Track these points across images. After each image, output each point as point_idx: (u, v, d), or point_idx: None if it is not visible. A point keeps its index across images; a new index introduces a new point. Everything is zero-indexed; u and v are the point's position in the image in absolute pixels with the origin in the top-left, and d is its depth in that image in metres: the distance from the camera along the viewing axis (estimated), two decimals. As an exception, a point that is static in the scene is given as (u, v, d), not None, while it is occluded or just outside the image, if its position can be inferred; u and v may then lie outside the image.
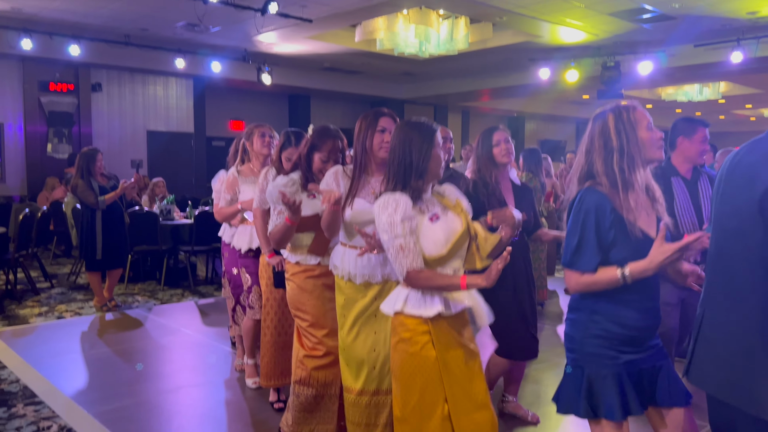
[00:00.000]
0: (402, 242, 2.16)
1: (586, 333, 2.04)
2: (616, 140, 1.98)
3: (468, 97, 15.91)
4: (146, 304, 6.43)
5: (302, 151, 2.99)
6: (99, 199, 5.86)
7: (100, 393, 3.96)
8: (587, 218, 1.96)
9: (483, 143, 3.30)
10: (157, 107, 12.82)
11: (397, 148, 2.26)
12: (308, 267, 2.95)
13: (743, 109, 20.41)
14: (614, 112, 2.02)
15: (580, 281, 1.99)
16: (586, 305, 2.05)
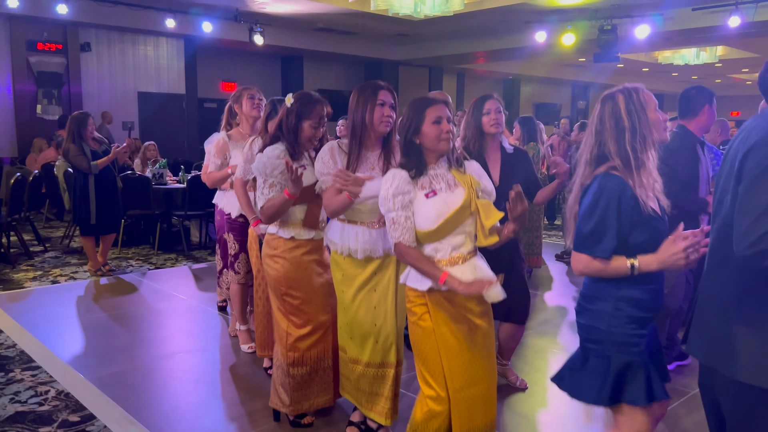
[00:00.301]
0: (394, 216, 2.25)
1: (612, 322, 2.03)
2: (627, 120, 2.00)
3: (463, 59, 15.73)
4: (140, 269, 6.47)
5: (288, 120, 2.84)
6: (92, 163, 5.83)
7: (97, 358, 4.02)
8: (610, 205, 1.95)
9: (474, 111, 3.28)
10: (148, 68, 12.63)
11: (401, 125, 2.33)
12: (302, 242, 2.89)
13: (740, 73, 20.29)
14: (624, 93, 2.04)
15: (590, 266, 1.99)
16: (609, 293, 2.04)
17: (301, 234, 2.89)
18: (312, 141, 2.89)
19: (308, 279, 2.89)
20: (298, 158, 2.85)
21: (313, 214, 2.90)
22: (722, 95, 25.26)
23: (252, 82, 14.71)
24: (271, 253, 2.91)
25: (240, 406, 3.36)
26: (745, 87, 23.61)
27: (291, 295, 2.88)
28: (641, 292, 2.02)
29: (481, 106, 3.25)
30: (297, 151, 2.84)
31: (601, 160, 2.05)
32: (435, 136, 2.27)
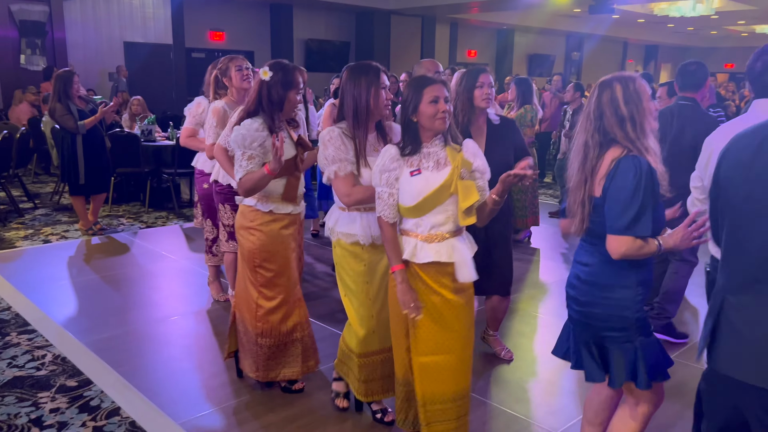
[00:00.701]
0: (379, 191, 2.37)
1: (636, 307, 2.11)
2: (626, 109, 2.05)
3: (457, 8, 15.41)
4: (131, 228, 6.49)
5: (272, 93, 2.78)
6: (78, 123, 5.77)
7: (91, 321, 4.09)
8: (647, 185, 1.99)
9: (466, 81, 3.21)
10: (134, 17, 12.32)
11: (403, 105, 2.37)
12: (280, 216, 2.90)
13: (735, 25, 20.03)
14: (621, 82, 2.08)
15: (633, 246, 2.00)
16: (630, 279, 2.10)
17: (280, 208, 2.90)
18: (295, 108, 2.90)
19: (284, 252, 2.92)
20: (277, 131, 2.80)
21: (293, 188, 2.91)
22: (718, 46, 25.04)
23: (240, 31, 14.46)
24: (247, 224, 2.91)
25: (233, 371, 3.45)
26: (740, 39, 23.38)
27: (265, 267, 2.90)
28: (649, 272, 2.16)
29: (474, 78, 3.18)
30: (276, 123, 2.81)
31: (608, 145, 2.08)
32: (431, 114, 2.31)
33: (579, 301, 2.19)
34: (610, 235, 2.03)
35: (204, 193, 4.21)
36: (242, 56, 3.97)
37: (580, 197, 2.13)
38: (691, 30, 21.77)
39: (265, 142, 2.76)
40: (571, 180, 2.19)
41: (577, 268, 2.24)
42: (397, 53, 16.37)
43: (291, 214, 2.94)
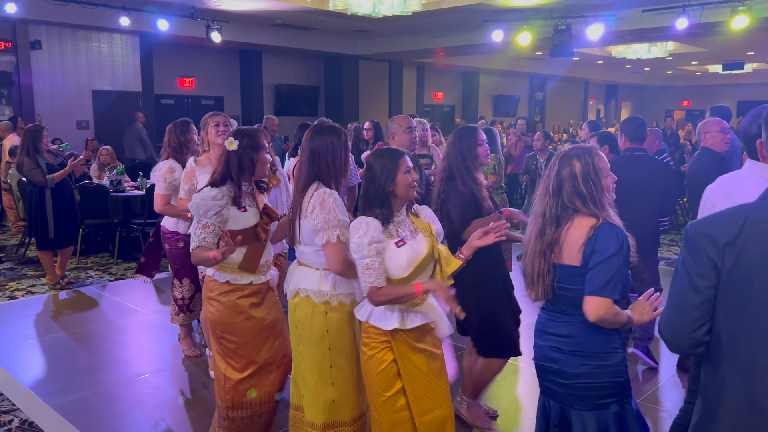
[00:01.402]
0: (368, 262, 2.33)
1: (624, 370, 2.15)
2: (585, 188, 2.10)
3: (423, 54, 15.81)
4: (100, 281, 6.42)
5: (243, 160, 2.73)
6: (47, 177, 5.74)
7: (60, 383, 4.02)
8: (626, 251, 2.05)
9: (464, 140, 3.21)
10: (102, 65, 12.35)
11: (372, 175, 2.42)
12: (239, 286, 2.77)
13: (689, 65, 20.92)
14: (580, 160, 2.12)
15: (610, 310, 2.02)
16: (616, 343, 2.15)
17: (238, 278, 2.78)
18: (267, 167, 2.87)
19: (243, 323, 2.78)
20: (241, 200, 2.76)
21: (253, 258, 2.79)
22: (674, 85, 26.02)
23: (210, 77, 14.58)
24: (207, 294, 2.83)
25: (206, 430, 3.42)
26: (695, 77, 24.35)
27: (226, 338, 2.79)
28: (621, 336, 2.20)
29: (474, 135, 3.24)
30: (243, 192, 2.77)
31: (567, 218, 2.13)
32: (407, 184, 2.41)
33: (567, 374, 2.14)
34: (588, 296, 2.03)
35: (180, 252, 4.10)
36: (224, 114, 4.01)
37: (539, 267, 2.14)
38: (648, 70, 22.64)
39: (222, 210, 2.68)
40: (526, 245, 2.20)
41: (552, 341, 2.19)
42: (365, 97, 16.65)
43: (252, 285, 2.80)
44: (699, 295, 1.59)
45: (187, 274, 4.21)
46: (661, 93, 26.89)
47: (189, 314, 4.34)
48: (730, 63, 19.06)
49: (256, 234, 2.79)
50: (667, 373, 4.23)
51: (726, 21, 9.45)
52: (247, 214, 2.77)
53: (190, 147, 4.18)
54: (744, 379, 1.56)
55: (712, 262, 1.56)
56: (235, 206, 2.75)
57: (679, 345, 1.68)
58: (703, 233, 1.59)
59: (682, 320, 1.64)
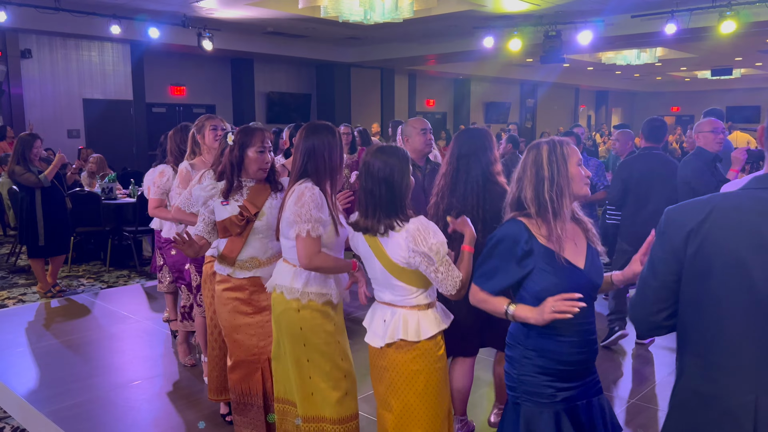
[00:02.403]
0: (448, 258, 2.28)
1: (521, 370, 2.07)
2: (547, 170, 2.05)
3: (414, 61, 15.88)
4: (92, 288, 6.37)
5: (232, 154, 2.85)
6: (40, 176, 5.71)
7: (52, 390, 3.98)
8: (502, 248, 2.06)
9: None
10: (93, 74, 12.33)
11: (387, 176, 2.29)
12: (223, 277, 2.94)
13: (678, 71, 21.11)
14: (549, 144, 2.10)
15: (476, 296, 2.13)
16: (519, 341, 2.09)
17: (220, 268, 2.95)
18: (263, 168, 2.85)
19: (226, 315, 2.93)
20: (233, 194, 2.87)
21: (230, 250, 2.89)
22: (663, 91, 26.24)
23: (201, 85, 14.57)
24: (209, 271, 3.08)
25: (200, 435, 3.40)
26: (684, 84, 24.57)
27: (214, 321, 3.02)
28: (552, 343, 2.03)
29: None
30: (235, 185, 2.86)
31: (520, 206, 2.11)
32: (412, 186, 2.42)
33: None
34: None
35: (174, 261, 4.08)
36: (221, 118, 3.97)
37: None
38: (638, 76, 22.83)
39: (207, 201, 2.87)
40: None
41: None
42: (357, 104, 16.68)
43: (230, 278, 2.90)
44: (656, 280, 1.60)
45: (184, 282, 4.13)
46: (651, 99, 27.10)
47: (191, 323, 4.22)
48: (718, 68, 19.25)
49: (227, 228, 2.85)
50: (662, 371, 4.23)
51: (714, 26, 9.55)
52: (227, 207, 2.85)
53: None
54: (694, 370, 1.55)
55: (676, 248, 1.55)
56: (220, 199, 2.86)
57: (639, 326, 1.71)
58: (672, 219, 1.58)
59: (641, 302, 1.65)
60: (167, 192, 3.98)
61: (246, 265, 2.89)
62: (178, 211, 3.36)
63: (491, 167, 3.01)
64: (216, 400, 3.49)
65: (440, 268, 2.24)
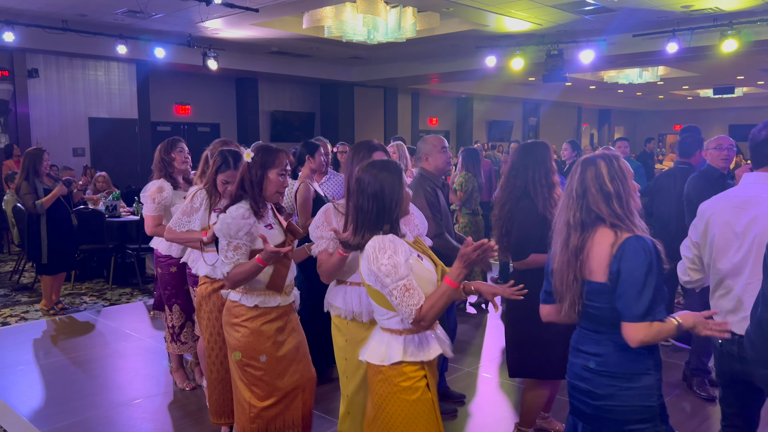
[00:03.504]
0: (406, 282, 2.08)
1: (657, 393, 1.99)
2: (611, 186, 1.99)
3: (417, 80, 15.98)
4: (94, 306, 6.36)
5: (251, 174, 2.67)
6: (36, 203, 5.69)
7: (54, 408, 3.96)
8: (658, 265, 1.91)
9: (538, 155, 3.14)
10: (99, 93, 12.43)
11: (376, 191, 2.19)
12: (266, 310, 2.70)
13: (680, 90, 21.18)
14: (605, 159, 2.03)
15: (650, 332, 1.88)
16: (649, 364, 1.98)
17: (267, 301, 2.70)
18: (281, 191, 2.73)
19: (270, 349, 2.71)
20: (263, 215, 2.69)
21: (279, 278, 2.71)
22: (665, 109, 26.31)
23: (206, 104, 14.68)
24: (232, 321, 2.72)
25: (201, 455, 3.37)
26: (686, 102, 24.64)
27: (252, 366, 2.70)
28: (659, 353, 2.04)
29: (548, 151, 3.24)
30: (261, 207, 2.68)
31: (593, 224, 2.01)
32: (409, 199, 2.33)
33: (595, 394, 2.01)
34: (627, 323, 1.91)
35: (173, 277, 4.00)
36: (235, 143, 3.94)
37: (568, 278, 2.02)
38: (640, 95, 22.92)
39: (252, 229, 2.61)
40: (554, 261, 2.09)
41: (583, 358, 2.06)
42: (361, 123, 16.76)
43: (279, 307, 2.74)
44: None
45: (179, 301, 4.05)
46: (653, 117, 27.16)
47: (180, 345, 4.12)
48: (720, 87, 19.31)
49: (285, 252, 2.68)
50: (670, 392, 4.19)
51: (715, 45, 9.61)
52: (274, 231, 2.71)
53: (174, 165, 4.05)
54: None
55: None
56: (262, 223, 2.68)
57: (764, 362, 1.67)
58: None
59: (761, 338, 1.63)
60: (167, 208, 3.91)
61: (288, 290, 2.79)
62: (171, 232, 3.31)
63: (538, 180, 3.04)
64: (218, 424, 3.38)
65: (394, 292, 2.06)
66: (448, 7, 9.05)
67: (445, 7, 9.08)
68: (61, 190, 5.87)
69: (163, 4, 8.72)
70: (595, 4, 8.83)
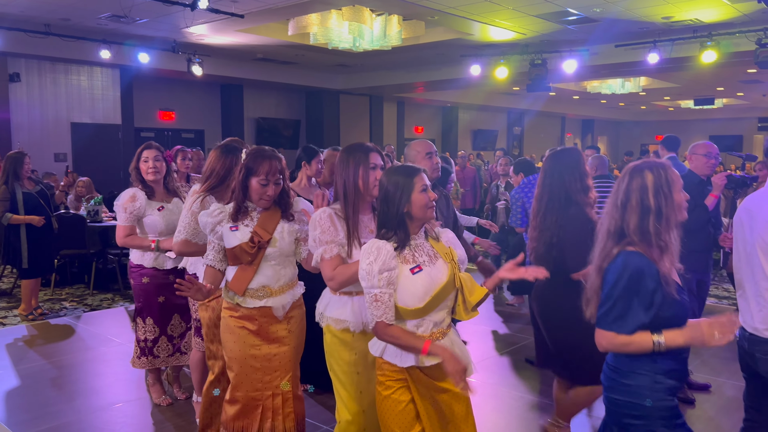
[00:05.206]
0: (377, 293, 2.13)
1: (654, 396, 2.00)
2: (653, 201, 1.98)
3: (403, 88, 16.06)
4: (74, 311, 6.28)
5: (239, 176, 2.67)
6: (6, 214, 5.63)
7: (31, 413, 3.89)
8: (632, 282, 1.96)
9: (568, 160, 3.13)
10: (82, 98, 12.34)
11: (385, 195, 2.22)
12: (231, 306, 2.72)
13: (662, 101, 21.48)
14: (653, 171, 2.03)
15: (614, 342, 1.99)
16: (647, 367, 2.01)
17: (227, 295, 2.73)
18: (264, 199, 2.66)
19: (232, 344, 2.71)
20: (239, 219, 2.69)
21: (240, 280, 2.68)
22: (648, 120, 26.67)
23: (190, 110, 14.62)
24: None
25: (181, 459, 3.33)
26: (667, 112, 24.98)
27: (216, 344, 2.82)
28: (676, 362, 2.02)
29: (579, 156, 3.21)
30: (243, 210, 2.68)
31: (623, 235, 2.04)
32: (424, 204, 2.19)
33: (605, 385, 2.13)
34: (596, 327, 2.04)
35: (144, 289, 3.81)
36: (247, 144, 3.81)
37: (594, 284, 2.11)
38: (623, 105, 23.21)
39: (216, 227, 2.67)
40: (592, 263, 2.16)
41: (608, 356, 2.18)
42: (346, 130, 16.78)
43: (239, 306, 2.69)
44: None
45: (152, 314, 3.84)
46: (635, 127, 27.50)
47: (152, 359, 3.90)
48: (701, 98, 19.62)
49: (236, 255, 2.66)
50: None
51: (695, 56, 9.76)
52: (236, 233, 2.66)
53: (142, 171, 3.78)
54: None
55: None
56: (229, 224, 2.67)
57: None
58: None
59: None
60: (140, 218, 3.73)
61: (257, 294, 2.69)
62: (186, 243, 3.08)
63: (574, 184, 3.01)
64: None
65: (366, 297, 2.16)
66: (433, 16, 9.12)
67: (430, 16, 9.14)
68: (39, 222, 5.75)
69: (148, 9, 8.69)
70: (578, 15, 8.95)
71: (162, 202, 3.79)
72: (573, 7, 8.55)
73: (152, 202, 3.76)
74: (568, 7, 8.57)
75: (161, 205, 3.76)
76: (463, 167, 10.38)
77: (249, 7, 8.54)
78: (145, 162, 3.75)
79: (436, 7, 8.53)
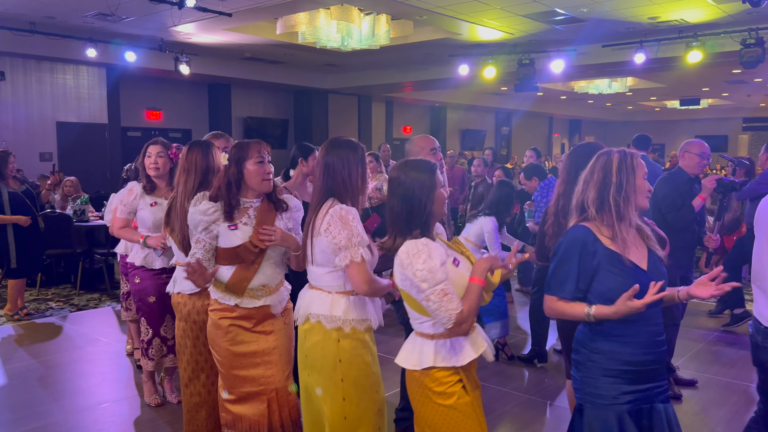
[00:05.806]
0: (444, 287, 2.04)
1: (586, 373, 2.10)
2: (616, 176, 2.10)
3: (391, 88, 16.06)
4: (61, 312, 6.23)
5: (229, 173, 2.64)
6: None
7: (16, 413, 3.85)
8: (571, 251, 2.09)
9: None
10: (67, 97, 12.22)
11: (406, 192, 2.15)
12: (226, 306, 2.67)
13: (649, 101, 21.65)
14: (620, 153, 2.14)
15: (553, 307, 2.14)
16: (585, 344, 2.13)
17: (224, 298, 2.66)
18: (266, 179, 2.64)
19: (223, 345, 2.68)
20: (234, 217, 2.64)
21: (240, 280, 2.64)
22: (635, 120, 26.87)
23: (178, 110, 14.54)
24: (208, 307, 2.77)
25: (169, 458, 3.31)
26: (654, 113, 25.19)
27: (213, 354, 2.74)
28: (618, 344, 2.05)
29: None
30: (235, 206, 2.64)
31: (582, 210, 2.15)
32: (443, 200, 2.20)
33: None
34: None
35: (136, 290, 3.78)
36: (226, 136, 3.83)
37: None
38: (610, 105, 23.36)
39: (210, 226, 2.62)
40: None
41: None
42: (335, 130, 16.76)
43: (238, 307, 2.65)
44: None
45: (145, 315, 3.80)
46: (622, 128, 27.70)
47: (147, 361, 3.87)
48: (686, 99, 19.79)
49: (239, 255, 2.63)
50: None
51: (681, 56, 9.85)
52: (236, 232, 2.63)
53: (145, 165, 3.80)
54: None
55: None
56: (227, 222, 2.63)
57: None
58: None
59: None
60: (134, 212, 3.76)
61: (257, 294, 2.66)
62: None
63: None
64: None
65: (431, 297, 2.02)
66: (422, 15, 9.13)
67: (419, 15, 9.15)
68: (26, 222, 5.71)
69: (135, 8, 8.63)
70: (566, 14, 9.00)
71: (161, 198, 3.76)
72: (560, 7, 8.59)
73: (147, 197, 3.75)
74: (556, 7, 8.62)
75: (154, 201, 3.74)
76: (451, 167, 10.43)
77: (237, 5, 8.51)
78: (148, 157, 3.75)
79: (425, 7, 8.54)
